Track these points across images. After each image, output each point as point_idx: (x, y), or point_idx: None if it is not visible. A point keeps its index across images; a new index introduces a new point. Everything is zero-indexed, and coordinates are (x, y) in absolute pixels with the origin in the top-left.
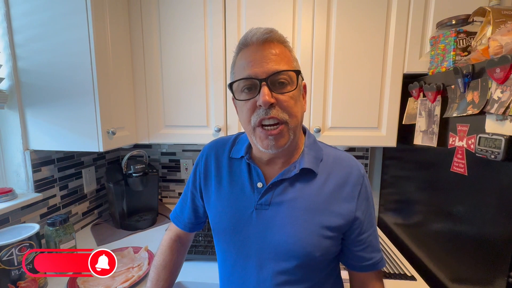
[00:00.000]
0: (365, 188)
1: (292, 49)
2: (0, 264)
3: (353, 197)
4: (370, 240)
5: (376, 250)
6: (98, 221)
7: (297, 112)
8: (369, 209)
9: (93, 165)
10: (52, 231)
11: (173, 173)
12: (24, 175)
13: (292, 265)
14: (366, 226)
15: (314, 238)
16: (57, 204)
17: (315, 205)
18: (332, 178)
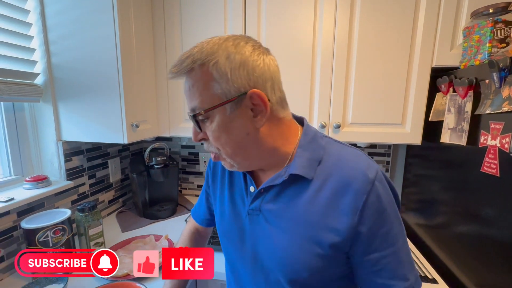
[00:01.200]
0: (376, 197)
1: (218, 65)
2: (37, 245)
3: (355, 208)
4: (386, 263)
5: (398, 277)
6: (122, 209)
7: (226, 143)
8: (384, 224)
9: (118, 156)
10: (82, 216)
11: (193, 166)
12: (57, 164)
13: (282, 279)
14: (376, 245)
15: (302, 255)
16: (86, 192)
17: (306, 216)
18: (330, 184)
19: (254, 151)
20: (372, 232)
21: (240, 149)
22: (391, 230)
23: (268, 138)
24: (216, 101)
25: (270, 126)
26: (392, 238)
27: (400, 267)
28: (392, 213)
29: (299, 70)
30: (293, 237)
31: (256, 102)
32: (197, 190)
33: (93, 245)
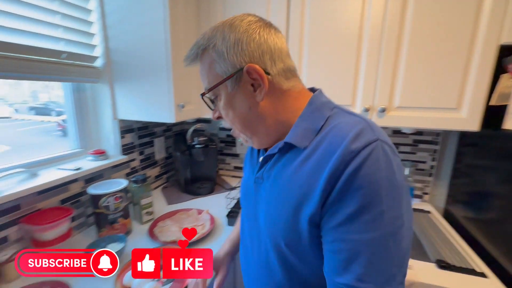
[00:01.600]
0: (354, 170)
1: (216, 47)
2: (102, 209)
3: (330, 179)
4: (352, 247)
5: (349, 269)
6: (166, 185)
7: (234, 119)
8: (357, 204)
9: (163, 136)
10: (136, 187)
11: (229, 148)
12: (113, 140)
13: (268, 241)
14: (347, 225)
15: (280, 224)
16: (136, 167)
17: (290, 185)
18: (317, 153)
19: (260, 126)
20: (345, 210)
21: (246, 124)
22: (368, 213)
23: (270, 111)
24: (218, 80)
25: (272, 99)
26: (365, 224)
27: (358, 264)
28: (377, 197)
29: (343, 51)
30: (278, 205)
31: (254, 76)
32: (233, 171)
33: (145, 214)
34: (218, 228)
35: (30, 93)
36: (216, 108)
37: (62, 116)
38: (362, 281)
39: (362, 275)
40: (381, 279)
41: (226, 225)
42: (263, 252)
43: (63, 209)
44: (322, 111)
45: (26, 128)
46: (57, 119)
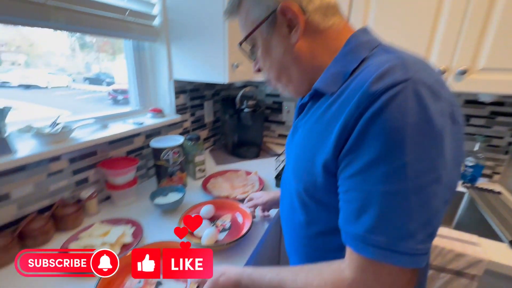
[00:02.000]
0: (373, 115)
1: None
2: (162, 161)
3: (346, 124)
4: (366, 197)
5: (360, 219)
6: (213, 148)
7: (270, 67)
8: (376, 155)
9: (211, 99)
10: (190, 145)
11: (275, 115)
12: (169, 100)
13: (293, 186)
14: (362, 175)
15: (302, 169)
16: (188, 128)
17: (312, 133)
18: (340, 99)
19: (295, 72)
20: (356, 157)
21: (282, 70)
22: (387, 165)
23: (306, 55)
24: (254, 26)
25: (309, 40)
26: (382, 176)
27: (370, 215)
28: (399, 147)
29: (420, 2)
30: (301, 151)
31: (289, 16)
32: (278, 139)
33: (198, 170)
34: (267, 189)
35: (84, 64)
36: (255, 59)
37: (112, 86)
38: (373, 233)
39: (373, 226)
40: (395, 233)
41: (274, 186)
42: (288, 195)
43: (130, 159)
44: (358, 52)
45: (82, 97)
46: (107, 89)
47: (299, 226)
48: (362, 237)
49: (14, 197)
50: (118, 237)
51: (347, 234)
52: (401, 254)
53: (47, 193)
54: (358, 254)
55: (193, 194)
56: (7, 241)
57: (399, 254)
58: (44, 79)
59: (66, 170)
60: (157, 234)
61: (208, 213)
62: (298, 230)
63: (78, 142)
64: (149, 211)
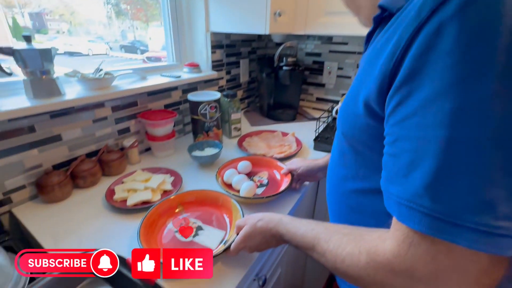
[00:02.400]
0: (432, 37)
1: None
2: (199, 116)
3: (399, 43)
4: (419, 147)
5: (409, 177)
6: (248, 109)
7: None
8: (440, 89)
9: (248, 58)
10: (227, 101)
11: (315, 76)
12: (205, 55)
13: (339, 131)
14: (416, 116)
15: (345, 110)
16: (223, 86)
17: (364, 64)
18: (399, 18)
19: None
20: (410, 93)
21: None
22: (455, 101)
23: None
24: None
25: None
26: (446, 115)
27: (424, 171)
28: (477, 76)
29: None
30: (350, 90)
31: None
32: (315, 103)
33: (233, 129)
34: (305, 151)
35: (120, 32)
36: None
37: (146, 54)
38: (426, 196)
39: (428, 186)
40: (462, 199)
41: (312, 149)
42: (335, 144)
43: (168, 111)
44: None
45: (119, 64)
46: (141, 57)
47: (337, 180)
48: (410, 202)
49: (65, 139)
50: (159, 183)
51: (390, 197)
52: (468, 230)
53: (94, 139)
54: (403, 224)
55: (229, 150)
56: (61, 178)
57: (465, 229)
58: (85, 46)
59: (109, 118)
60: (195, 185)
61: (245, 168)
62: (337, 185)
63: (120, 90)
64: (186, 164)
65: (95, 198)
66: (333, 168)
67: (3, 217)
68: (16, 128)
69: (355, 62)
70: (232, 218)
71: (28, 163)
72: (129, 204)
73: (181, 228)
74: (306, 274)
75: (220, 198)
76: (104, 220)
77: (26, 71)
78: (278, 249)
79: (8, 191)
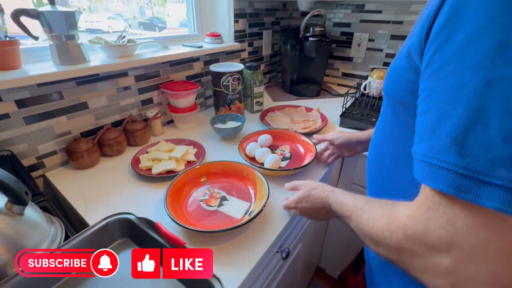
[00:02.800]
0: None
1: None
2: (222, 88)
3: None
4: (450, 98)
5: (435, 134)
6: (269, 85)
7: None
8: (478, 27)
9: (271, 29)
10: (249, 73)
11: (342, 50)
12: (227, 24)
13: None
14: (451, 64)
15: (394, 63)
16: (245, 59)
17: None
18: None
19: None
20: (448, 38)
21: None
22: (481, 36)
23: None
24: None
25: None
26: (485, 59)
27: (452, 123)
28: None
29: None
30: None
31: None
32: (340, 79)
33: (255, 103)
34: (330, 128)
35: (138, 9)
36: None
37: (164, 31)
38: (449, 151)
39: (454, 139)
40: (492, 155)
41: (338, 125)
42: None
43: (190, 83)
44: None
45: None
46: (159, 35)
47: (375, 146)
48: (433, 159)
49: (91, 107)
50: (183, 154)
51: (416, 158)
52: (499, 189)
53: (118, 108)
54: (425, 185)
55: (251, 125)
56: (89, 145)
57: (495, 188)
58: (105, 24)
59: (133, 88)
60: (217, 157)
61: (266, 141)
62: (374, 151)
63: (142, 58)
64: (208, 136)
65: (121, 166)
66: (374, 137)
67: (38, 180)
68: (45, 94)
69: (388, 33)
70: (257, 190)
71: (58, 129)
72: (154, 173)
73: (205, 198)
74: (324, 252)
75: (244, 170)
76: (131, 187)
77: (52, 35)
78: (300, 224)
79: (41, 156)
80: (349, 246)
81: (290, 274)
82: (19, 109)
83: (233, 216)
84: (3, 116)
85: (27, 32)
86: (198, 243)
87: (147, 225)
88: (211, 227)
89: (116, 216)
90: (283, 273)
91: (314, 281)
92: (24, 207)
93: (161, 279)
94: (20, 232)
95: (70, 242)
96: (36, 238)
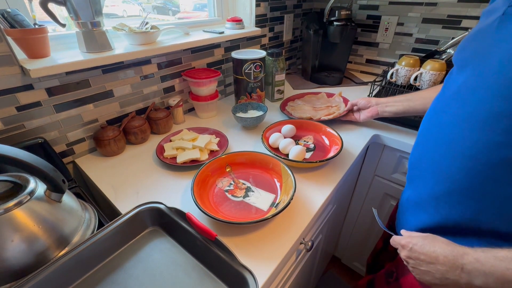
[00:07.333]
0: None
1: None
2: (243, 76)
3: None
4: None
5: None
6: (289, 72)
7: None
8: None
9: (293, 12)
10: (271, 60)
11: (368, 34)
12: (249, 8)
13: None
14: None
15: None
16: (266, 45)
17: None
18: None
19: None
20: None
21: None
22: None
23: None
24: None
25: None
26: None
27: None
28: None
29: None
30: None
31: None
32: (364, 66)
33: (276, 91)
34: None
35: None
36: None
37: (177, 15)
38: None
39: None
40: None
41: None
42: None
43: (211, 70)
44: None
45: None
46: (173, 18)
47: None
48: None
49: (116, 95)
50: (206, 143)
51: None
52: None
53: (141, 96)
54: None
55: (273, 114)
56: (116, 133)
57: None
58: (119, 8)
59: (156, 75)
60: (240, 147)
61: (289, 132)
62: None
63: (166, 45)
64: (229, 125)
65: (146, 154)
66: (469, 132)
67: (68, 166)
68: (73, 82)
69: (420, 16)
70: (282, 182)
71: (86, 117)
72: (179, 162)
73: (230, 189)
74: (340, 241)
75: (270, 162)
76: (157, 175)
77: (78, 22)
78: (323, 216)
79: (70, 143)
80: (367, 236)
81: (309, 264)
82: (49, 97)
83: (260, 208)
84: (35, 104)
85: (55, 19)
86: (224, 233)
87: (177, 214)
88: (238, 218)
89: (147, 205)
90: (303, 263)
91: (329, 269)
92: (62, 194)
93: (192, 269)
94: (59, 217)
95: (106, 228)
96: (73, 223)
